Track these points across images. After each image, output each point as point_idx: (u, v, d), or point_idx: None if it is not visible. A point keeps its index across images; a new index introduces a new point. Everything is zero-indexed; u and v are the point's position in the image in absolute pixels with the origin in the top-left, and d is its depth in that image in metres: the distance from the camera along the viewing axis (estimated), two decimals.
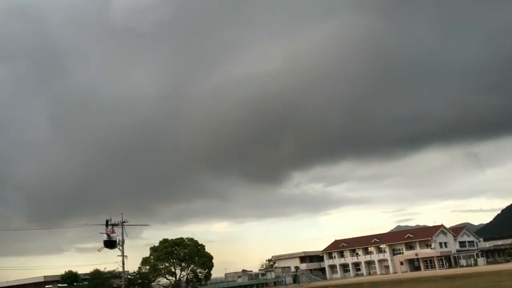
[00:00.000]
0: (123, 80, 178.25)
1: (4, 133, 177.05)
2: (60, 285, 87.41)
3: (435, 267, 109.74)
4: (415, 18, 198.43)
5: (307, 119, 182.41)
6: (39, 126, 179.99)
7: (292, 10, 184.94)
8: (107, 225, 44.95)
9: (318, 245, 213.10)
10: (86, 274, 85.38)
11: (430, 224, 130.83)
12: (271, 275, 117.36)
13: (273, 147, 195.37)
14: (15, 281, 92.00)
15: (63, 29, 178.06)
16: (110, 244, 44.86)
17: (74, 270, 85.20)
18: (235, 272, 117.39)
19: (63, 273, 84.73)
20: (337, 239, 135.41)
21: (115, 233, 44.56)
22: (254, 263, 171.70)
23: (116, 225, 45.46)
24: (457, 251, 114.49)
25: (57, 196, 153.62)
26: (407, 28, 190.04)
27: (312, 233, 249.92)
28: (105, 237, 44.71)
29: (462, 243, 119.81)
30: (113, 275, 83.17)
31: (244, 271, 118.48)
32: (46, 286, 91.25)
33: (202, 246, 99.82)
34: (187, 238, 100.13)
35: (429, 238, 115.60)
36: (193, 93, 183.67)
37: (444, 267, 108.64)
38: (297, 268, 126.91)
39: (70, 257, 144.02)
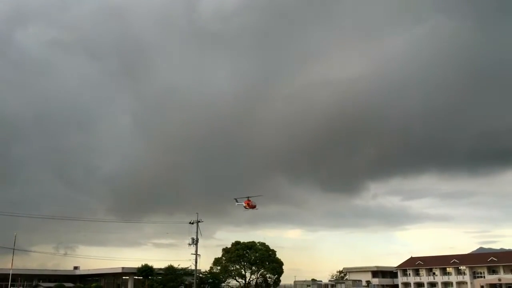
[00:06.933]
0: (204, 81, 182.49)
1: (93, 126, 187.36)
2: (136, 277, 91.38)
3: None
4: None
5: (389, 127, 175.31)
6: (123, 121, 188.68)
7: (379, 13, 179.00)
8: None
9: (391, 261, 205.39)
10: (160, 269, 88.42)
11: None
12: (341, 287, 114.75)
13: (351, 155, 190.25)
14: (96, 270, 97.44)
15: (149, 30, 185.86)
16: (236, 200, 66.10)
17: (149, 264, 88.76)
18: (304, 281, 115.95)
19: (139, 266, 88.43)
20: (413, 256, 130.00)
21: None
22: (324, 273, 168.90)
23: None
24: None
25: (137, 191, 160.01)
26: (504, 35, 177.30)
27: (386, 247, 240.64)
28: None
29: None
30: (186, 272, 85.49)
31: (313, 280, 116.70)
32: (124, 277, 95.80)
33: (274, 252, 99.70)
34: (258, 242, 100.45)
35: None
36: (272, 96, 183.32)
37: None
38: (368, 282, 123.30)
39: (147, 251, 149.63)
